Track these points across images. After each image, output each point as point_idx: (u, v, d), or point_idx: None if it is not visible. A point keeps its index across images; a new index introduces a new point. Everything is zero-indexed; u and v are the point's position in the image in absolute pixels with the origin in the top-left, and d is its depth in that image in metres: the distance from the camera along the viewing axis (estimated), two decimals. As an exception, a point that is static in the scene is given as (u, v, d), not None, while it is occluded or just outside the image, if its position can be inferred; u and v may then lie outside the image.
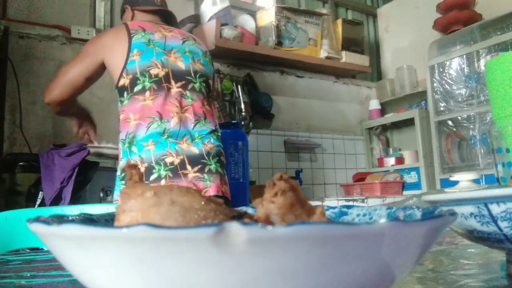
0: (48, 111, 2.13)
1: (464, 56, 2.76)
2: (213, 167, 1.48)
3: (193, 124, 1.49)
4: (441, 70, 2.88)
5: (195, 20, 2.59)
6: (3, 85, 1.85)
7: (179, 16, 2.56)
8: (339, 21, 3.13)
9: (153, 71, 1.46)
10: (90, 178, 1.70)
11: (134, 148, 1.43)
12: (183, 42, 1.58)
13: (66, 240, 0.19)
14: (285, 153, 2.93)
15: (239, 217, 0.24)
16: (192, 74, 1.54)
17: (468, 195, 0.34)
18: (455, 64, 2.82)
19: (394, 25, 3.54)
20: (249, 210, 0.32)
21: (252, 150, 2.58)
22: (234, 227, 0.16)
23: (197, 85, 1.54)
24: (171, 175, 1.39)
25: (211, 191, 1.43)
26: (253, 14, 2.85)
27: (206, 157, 1.47)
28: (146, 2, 1.68)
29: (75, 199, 1.61)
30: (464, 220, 0.35)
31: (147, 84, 1.45)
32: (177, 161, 1.41)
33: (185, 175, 1.41)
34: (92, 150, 1.74)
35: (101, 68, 1.53)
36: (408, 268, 0.22)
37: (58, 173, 1.57)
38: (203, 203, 0.23)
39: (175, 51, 1.53)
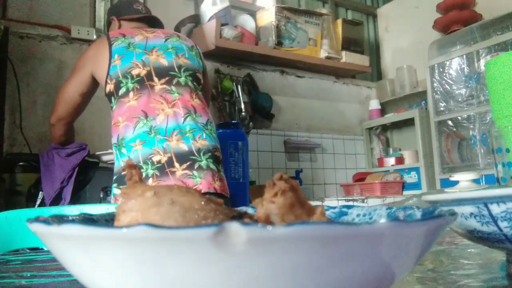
0: (48, 111, 2.14)
1: (464, 56, 2.76)
2: (204, 163, 1.43)
3: (183, 118, 1.46)
4: (441, 70, 2.88)
5: (195, 20, 2.59)
6: (3, 85, 1.85)
7: (179, 16, 2.57)
8: (339, 21, 3.13)
9: (135, 72, 1.47)
10: (90, 178, 1.70)
11: (123, 150, 1.43)
12: (166, 40, 1.58)
13: (66, 240, 0.19)
14: (285, 153, 2.93)
15: (239, 217, 0.24)
16: (176, 69, 1.53)
17: (468, 195, 0.34)
18: (455, 64, 2.82)
19: (394, 25, 3.54)
20: (249, 210, 0.32)
21: (252, 150, 2.58)
22: (234, 227, 0.16)
23: (182, 80, 1.53)
24: (158, 174, 1.38)
25: (202, 188, 1.39)
26: (253, 14, 2.85)
27: (196, 153, 1.43)
28: (131, 11, 1.71)
29: (75, 199, 1.61)
30: (464, 220, 0.35)
31: (130, 85, 1.46)
32: (164, 159, 1.39)
33: (173, 173, 1.39)
34: (103, 158, 1.76)
35: (92, 82, 1.56)
36: (408, 268, 0.22)
37: (58, 173, 1.57)
38: (203, 203, 0.23)
39: (157, 49, 1.54)
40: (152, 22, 1.74)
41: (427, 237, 0.21)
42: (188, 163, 1.41)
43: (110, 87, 1.48)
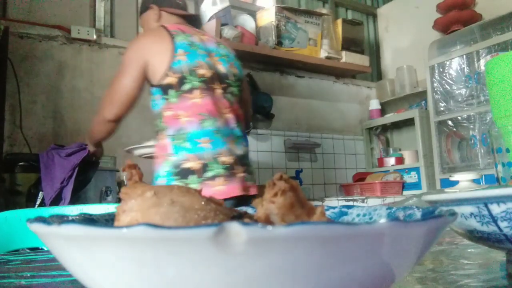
0: (48, 111, 2.14)
1: (464, 56, 2.76)
2: (251, 169, 1.56)
3: (234, 125, 1.53)
4: (441, 70, 2.88)
5: (195, 20, 2.59)
6: (3, 85, 1.85)
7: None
8: (339, 21, 3.13)
9: (200, 71, 1.47)
10: (90, 178, 1.70)
11: (186, 144, 1.43)
12: (218, 45, 1.61)
13: (66, 240, 0.19)
14: (285, 153, 2.93)
15: (239, 217, 0.24)
16: (231, 78, 1.57)
17: (468, 195, 0.34)
18: (455, 64, 2.82)
19: (394, 25, 3.54)
20: (249, 210, 0.32)
21: (252, 150, 2.58)
22: (234, 227, 0.16)
23: (235, 89, 1.58)
24: (226, 174, 1.43)
25: (253, 192, 1.49)
26: (253, 14, 2.85)
27: (246, 157, 1.54)
28: (172, 4, 1.66)
29: (75, 199, 1.61)
30: (464, 220, 0.35)
31: (196, 83, 1.46)
32: (230, 160, 1.45)
33: (235, 174, 1.45)
34: (136, 152, 1.73)
35: (147, 72, 1.50)
36: (408, 268, 0.22)
37: (58, 173, 1.57)
38: (203, 203, 0.23)
39: (214, 54, 1.56)
40: (191, 21, 1.68)
41: (427, 237, 0.21)
42: (245, 167, 1.51)
43: (171, 79, 1.45)
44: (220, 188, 1.40)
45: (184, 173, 1.42)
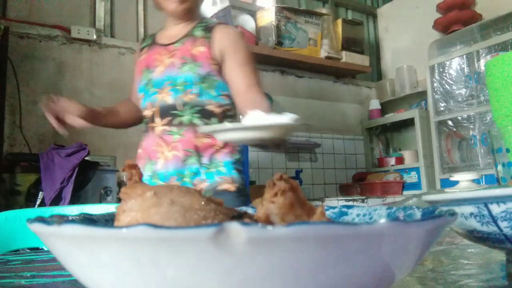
0: (48, 111, 2.13)
1: (464, 56, 2.76)
2: None
3: None
4: (441, 70, 2.88)
5: (195, 20, 2.59)
6: (3, 85, 1.85)
7: (179, 16, 2.57)
8: (339, 21, 3.13)
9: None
10: (90, 178, 1.70)
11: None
12: None
13: (66, 240, 0.19)
14: (285, 153, 2.92)
15: (239, 217, 0.24)
16: None
17: (468, 195, 0.34)
18: (455, 64, 2.82)
19: (394, 25, 3.54)
20: (249, 210, 0.32)
21: (252, 150, 2.58)
22: (234, 227, 0.16)
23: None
24: None
25: None
26: (253, 14, 2.84)
27: None
28: None
29: (75, 199, 1.61)
30: (464, 220, 0.35)
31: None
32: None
33: None
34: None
35: None
36: (408, 268, 0.22)
37: (58, 173, 1.57)
38: (203, 203, 0.23)
39: None
40: None
41: (427, 237, 0.21)
42: None
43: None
44: None
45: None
